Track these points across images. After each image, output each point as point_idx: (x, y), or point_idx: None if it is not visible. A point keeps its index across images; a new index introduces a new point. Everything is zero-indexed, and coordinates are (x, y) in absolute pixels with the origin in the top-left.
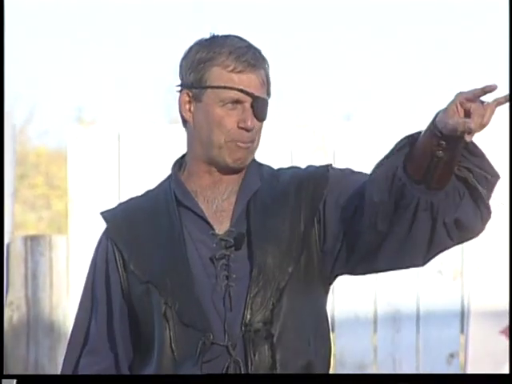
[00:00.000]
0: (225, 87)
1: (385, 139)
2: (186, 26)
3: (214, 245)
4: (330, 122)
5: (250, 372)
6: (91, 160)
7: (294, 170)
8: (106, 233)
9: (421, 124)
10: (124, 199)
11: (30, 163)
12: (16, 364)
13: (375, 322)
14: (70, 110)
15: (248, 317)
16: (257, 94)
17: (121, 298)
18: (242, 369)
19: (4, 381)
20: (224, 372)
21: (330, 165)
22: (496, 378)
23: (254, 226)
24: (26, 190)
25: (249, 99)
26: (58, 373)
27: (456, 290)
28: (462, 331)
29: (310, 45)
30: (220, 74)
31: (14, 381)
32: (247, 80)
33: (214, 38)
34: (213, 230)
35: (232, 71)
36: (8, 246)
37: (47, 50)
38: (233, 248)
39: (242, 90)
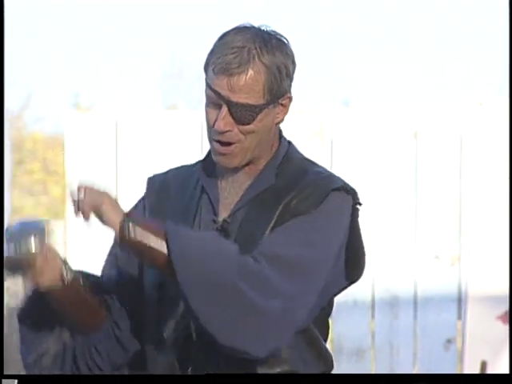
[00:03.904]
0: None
1: (383, 126)
2: (183, 12)
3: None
4: (328, 108)
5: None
6: (88, 145)
7: (318, 174)
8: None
9: (419, 110)
10: (121, 185)
11: (26, 149)
12: (11, 349)
13: (373, 307)
14: (66, 95)
15: None
16: (233, 98)
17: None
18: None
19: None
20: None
21: (350, 190)
22: (496, 378)
23: (246, 220)
24: (23, 175)
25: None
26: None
27: (453, 276)
28: (459, 317)
29: (307, 30)
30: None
31: (16, 381)
32: (220, 83)
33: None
34: (215, 215)
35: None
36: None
37: (44, 35)
38: None
39: (215, 91)
